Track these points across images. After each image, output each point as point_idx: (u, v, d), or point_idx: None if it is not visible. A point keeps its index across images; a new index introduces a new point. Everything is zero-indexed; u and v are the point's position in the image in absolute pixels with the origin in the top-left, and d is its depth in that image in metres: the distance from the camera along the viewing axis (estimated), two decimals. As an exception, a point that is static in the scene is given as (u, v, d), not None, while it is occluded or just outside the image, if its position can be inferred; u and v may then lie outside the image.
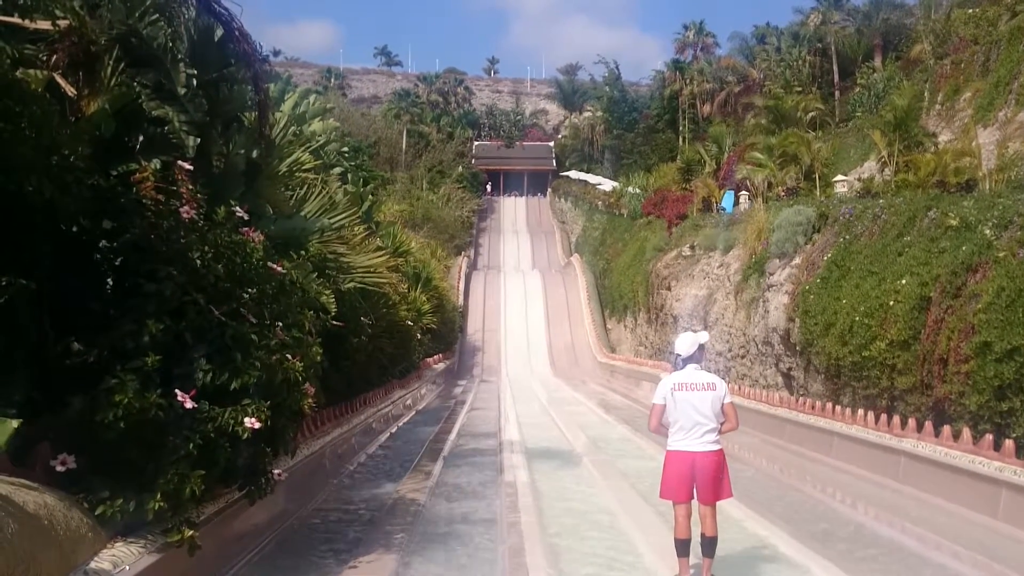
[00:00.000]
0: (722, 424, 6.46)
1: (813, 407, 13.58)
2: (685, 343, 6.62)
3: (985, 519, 8.55)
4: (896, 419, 10.96)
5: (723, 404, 6.43)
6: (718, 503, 6.48)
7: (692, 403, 6.38)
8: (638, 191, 45.72)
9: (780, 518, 8.75)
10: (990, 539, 8.06)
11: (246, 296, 5.84)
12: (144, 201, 5.42)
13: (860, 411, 11.94)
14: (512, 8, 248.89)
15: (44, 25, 5.74)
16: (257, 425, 5.31)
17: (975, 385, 9.94)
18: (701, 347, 6.64)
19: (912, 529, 8.57)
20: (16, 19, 5.64)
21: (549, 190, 71.22)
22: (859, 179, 23.68)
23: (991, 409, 9.75)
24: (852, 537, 8.31)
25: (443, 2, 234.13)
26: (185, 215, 5.64)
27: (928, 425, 10.19)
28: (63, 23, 5.80)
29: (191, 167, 6.25)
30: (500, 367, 37.17)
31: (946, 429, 9.80)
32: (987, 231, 11.42)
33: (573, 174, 65.97)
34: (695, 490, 6.40)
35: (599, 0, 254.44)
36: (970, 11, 29.29)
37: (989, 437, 9.01)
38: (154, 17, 7.12)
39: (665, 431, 6.54)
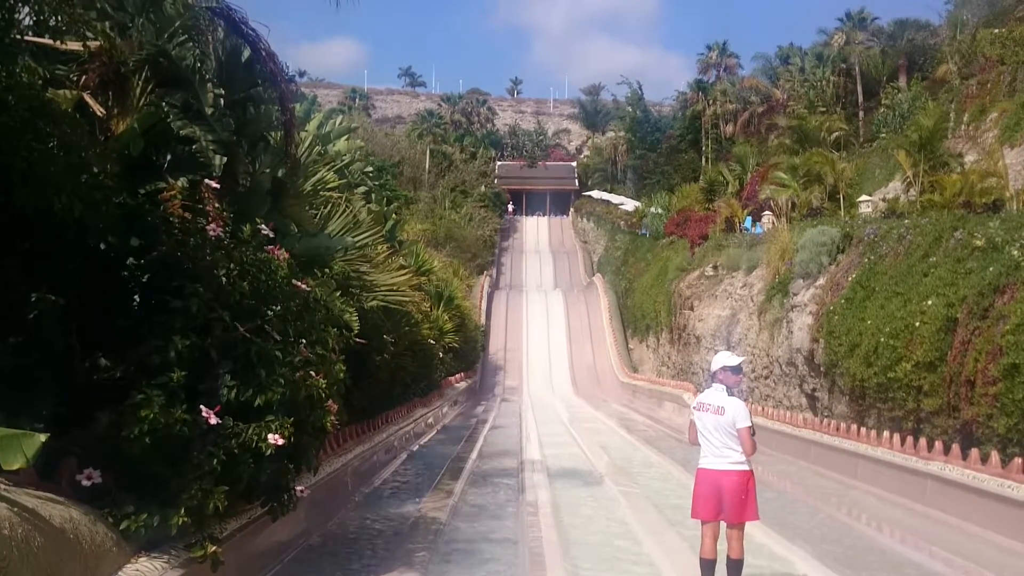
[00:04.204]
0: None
1: (838, 429, 13.45)
2: (714, 362, 6.78)
3: (1015, 545, 8.39)
4: (923, 441, 10.82)
5: (737, 429, 6.42)
6: (745, 526, 6.46)
7: (705, 423, 6.55)
8: (661, 211, 45.66)
9: (806, 541, 8.64)
10: (1021, 566, 7.91)
11: (271, 313, 5.88)
12: (171, 219, 5.50)
13: (886, 433, 11.80)
14: (535, 28, 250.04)
15: (75, 46, 5.85)
16: (280, 442, 5.33)
17: (1003, 407, 9.80)
18: (724, 368, 6.65)
19: (939, 553, 8.43)
20: (48, 40, 5.75)
21: (571, 210, 71.24)
22: (884, 199, 23.52)
23: (1020, 432, 9.60)
24: (879, 561, 8.18)
25: (467, 23, 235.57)
26: (211, 233, 5.70)
27: (955, 448, 10.05)
28: (93, 44, 5.91)
29: (218, 186, 6.32)
30: (522, 386, 37.10)
31: (974, 452, 9.66)
32: (1015, 252, 11.28)
33: (595, 194, 65.94)
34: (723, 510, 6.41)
35: (622, 20, 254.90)
36: (996, 31, 29.11)
37: (1018, 461, 8.85)
38: (183, 38, 7.25)
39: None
